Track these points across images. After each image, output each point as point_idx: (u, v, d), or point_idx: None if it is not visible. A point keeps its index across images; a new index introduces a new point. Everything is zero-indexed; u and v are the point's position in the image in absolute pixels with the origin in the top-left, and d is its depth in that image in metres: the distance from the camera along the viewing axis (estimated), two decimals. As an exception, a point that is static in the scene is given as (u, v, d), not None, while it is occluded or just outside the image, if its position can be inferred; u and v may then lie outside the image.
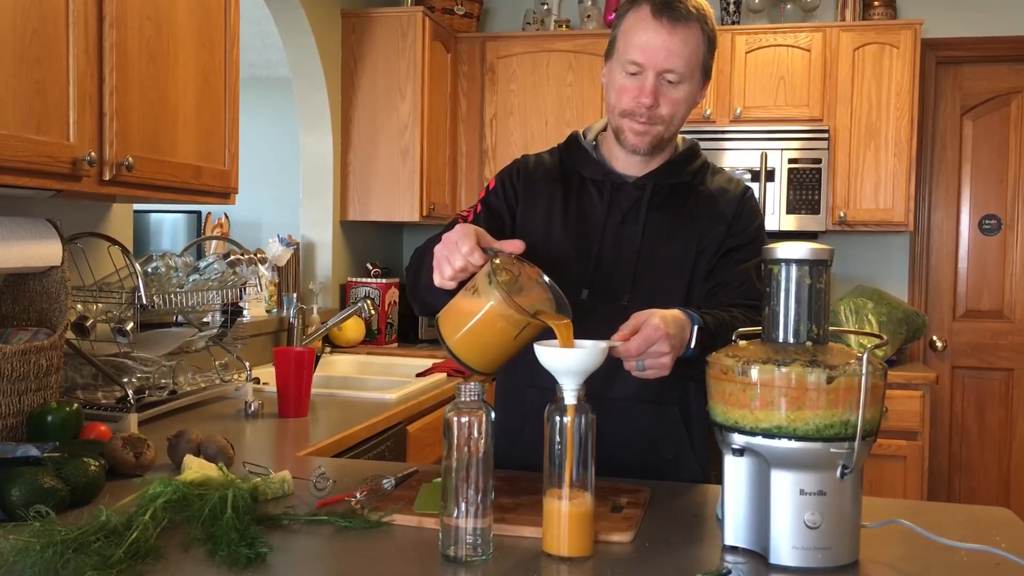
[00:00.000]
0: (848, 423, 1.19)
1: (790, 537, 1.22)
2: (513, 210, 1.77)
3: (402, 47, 3.92)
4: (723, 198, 1.73)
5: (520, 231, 1.74)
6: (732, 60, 4.01)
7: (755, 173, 3.90)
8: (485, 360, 1.42)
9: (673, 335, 1.40)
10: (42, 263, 1.92)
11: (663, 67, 1.59)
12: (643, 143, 1.65)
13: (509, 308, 1.34)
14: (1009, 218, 4.22)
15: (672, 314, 1.44)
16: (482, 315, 1.36)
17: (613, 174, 1.73)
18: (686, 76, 1.61)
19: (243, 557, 1.19)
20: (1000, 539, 1.35)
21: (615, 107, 1.66)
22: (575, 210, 1.73)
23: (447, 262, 1.41)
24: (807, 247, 1.26)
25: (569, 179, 1.76)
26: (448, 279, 1.42)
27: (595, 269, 1.68)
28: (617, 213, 1.71)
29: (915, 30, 3.87)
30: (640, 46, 1.60)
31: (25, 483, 1.39)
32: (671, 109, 1.63)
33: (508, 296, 1.34)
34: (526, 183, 1.77)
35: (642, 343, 1.38)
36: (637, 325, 1.39)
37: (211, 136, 2.32)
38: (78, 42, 1.84)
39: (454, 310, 1.42)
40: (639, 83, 1.61)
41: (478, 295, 1.37)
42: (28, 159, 1.72)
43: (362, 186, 4.01)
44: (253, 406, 2.39)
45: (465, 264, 1.39)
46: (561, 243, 1.71)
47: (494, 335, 1.37)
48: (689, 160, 1.75)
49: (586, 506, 1.24)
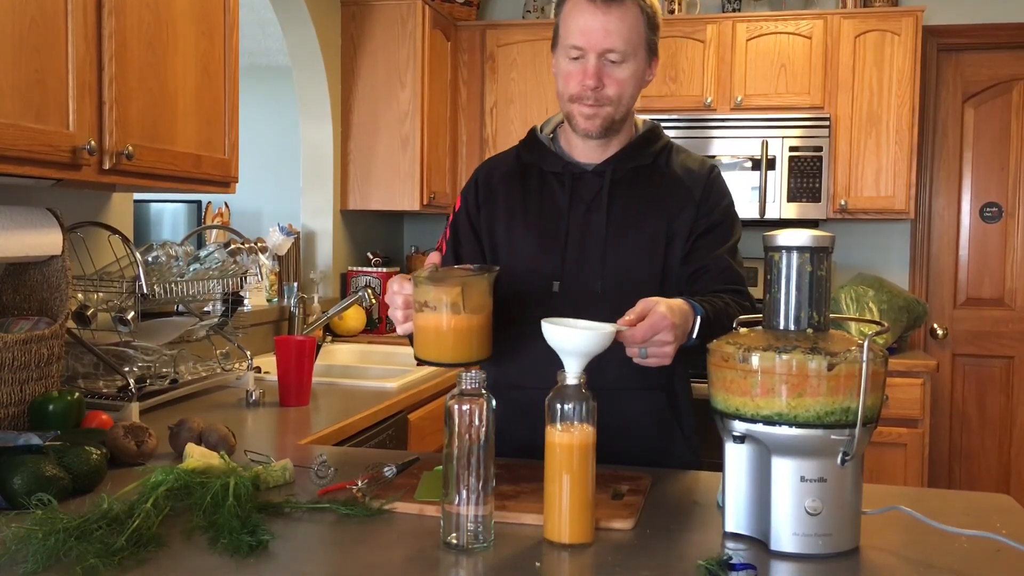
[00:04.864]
0: (849, 410, 1.19)
1: (791, 524, 1.23)
2: (477, 224, 1.79)
3: (402, 35, 3.91)
4: (689, 178, 1.73)
5: (488, 238, 1.77)
6: (733, 48, 4.00)
7: (756, 161, 3.89)
8: (462, 349, 1.46)
9: (678, 325, 1.41)
10: (43, 252, 1.92)
11: (602, 47, 1.61)
12: (594, 126, 1.66)
13: (438, 288, 1.43)
14: (1010, 206, 4.21)
15: (677, 303, 1.44)
16: (430, 312, 1.45)
17: (572, 164, 1.74)
18: (628, 54, 1.63)
19: (245, 545, 1.20)
20: (1000, 525, 1.35)
21: (563, 93, 1.68)
22: (537, 205, 1.74)
23: (395, 309, 1.53)
24: (808, 234, 1.26)
25: (528, 176, 1.77)
26: (403, 321, 1.53)
27: (563, 261, 1.70)
28: (580, 203, 1.72)
29: (916, 17, 3.86)
30: (579, 29, 1.62)
31: (27, 471, 1.39)
32: (618, 89, 1.64)
33: (431, 281, 1.44)
34: (485, 191, 1.79)
35: (648, 330, 1.38)
36: (644, 312, 1.39)
37: (211, 125, 2.32)
38: (77, 30, 1.84)
39: (415, 332, 1.50)
40: (582, 66, 1.63)
41: (418, 304, 1.46)
42: (28, 148, 1.72)
43: (362, 175, 4.00)
44: (254, 395, 2.39)
45: (403, 298, 1.51)
46: (527, 240, 1.72)
47: (448, 321, 1.44)
48: (649, 142, 1.76)
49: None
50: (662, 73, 4.05)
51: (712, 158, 3.93)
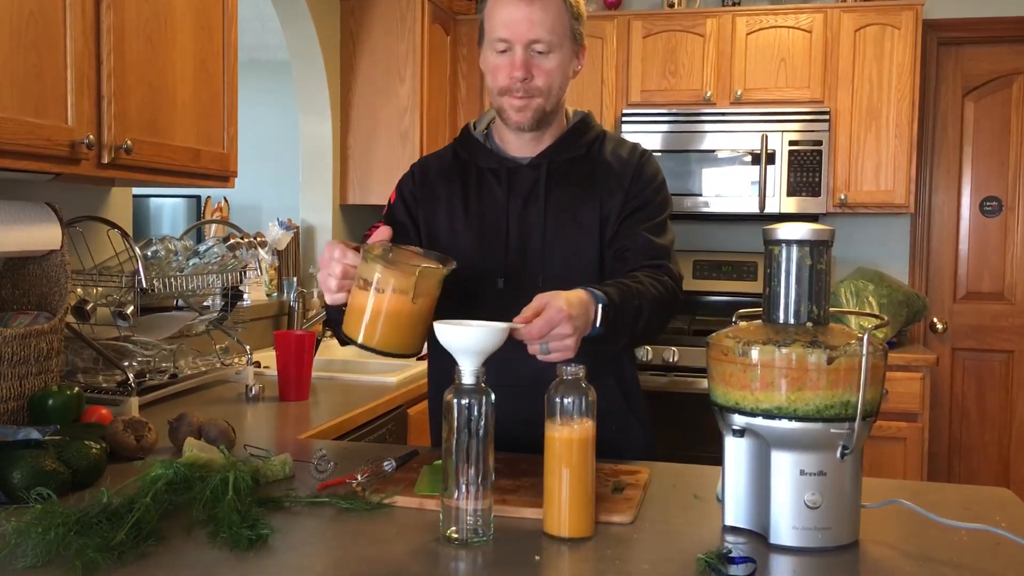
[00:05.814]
0: (848, 404, 1.19)
1: (790, 517, 1.23)
2: (416, 218, 1.78)
3: (401, 30, 3.90)
4: (620, 164, 1.74)
5: (427, 236, 1.75)
6: (733, 42, 3.99)
7: (756, 155, 3.89)
8: (396, 338, 1.39)
9: (576, 316, 1.38)
10: (42, 247, 1.91)
11: (528, 38, 1.62)
12: (525, 118, 1.66)
13: (390, 271, 1.35)
14: (1010, 200, 4.21)
15: (576, 295, 1.42)
16: (373, 294, 1.37)
17: (508, 159, 1.75)
18: (554, 45, 1.63)
19: (245, 539, 1.20)
20: (1000, 519, 1.36)
21: (493, 88, 1.68)
22: (476, 202, 1.74)
23: (329, 276, 1.45)
24: (808, 227, 1.26)
25: (466, 173, 1.77)
26: (336, 291, 1.45)
27: (506, 257, 1.70)
28: (518, 197, 1.72)
29: (916, 11, 3.85)
30: (503, 22, 1.63)
31: (27, 466, 1.39)
32: (546, 80, 1.65)
33: (385, 262, 1.36)
34: (423, 186, 1.79)
35: (544, 325, 1.35)
36: (539, 307, 1.37)
37: (210, 119, 2.32)
38: (75, 25, 1.83)
39: (349, 308, 1.41)
40: (509, 59, 1.64)
41: (362, 280, 1.38)
42: (26, 142, 1.71)
43: (362, 169, 4.00)
44: (254, 389, 2.39)
45: (343, 268, 1.43)
46: (468, 237, 1.72)
47: (392, 307, 1.37)
48: (581, 133, 1.76)
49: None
50: (662, 67, 4.05)
51: (712, 152, 3.93)
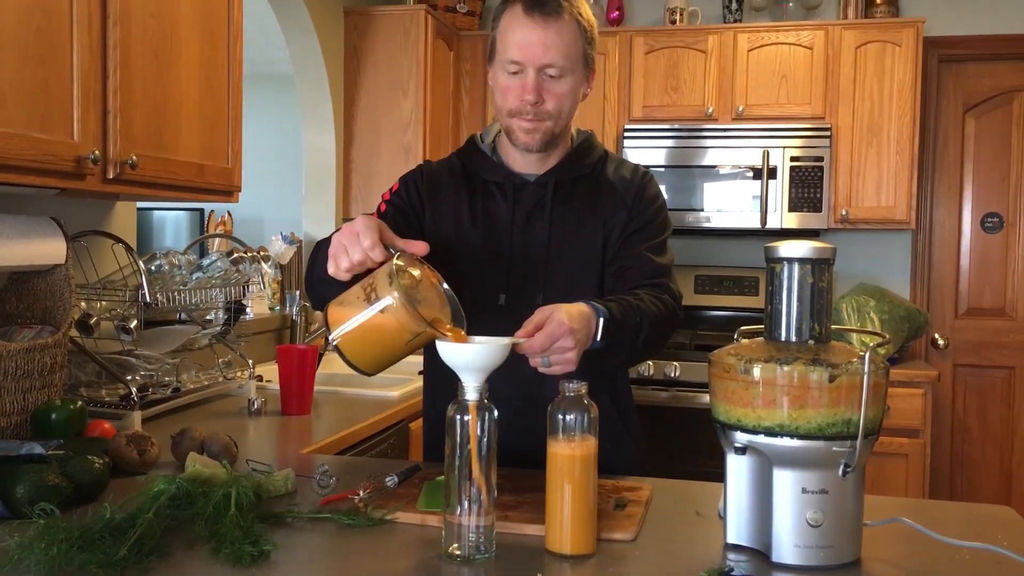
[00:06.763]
0: (850, 422, 1.20)
1: (792, 535, 1.23)
2: (419, 213, 1.77)
3: (404, 45, 3.92)
4: (623, 184, 1.75)
5: (430, 236, 1.73)
6: (734, 58, 4.01)
7: (757, 171, 3.90)
8: (369, 360, 1.39)
9: (578, 330, 1.39)
10: (46, 261, 1.92)
11: (541, 62, 1.61)
12: (534, 140, 1.67)
13: (407, 314, 1.30)
14: (1011, 216, 4.21)
15: (577, 308, 1.43)
16: (376, 315, 1.33)
17: (513, 175, 1.75)
18: (567, 69, 1.64)
19: (247, 555, 1.20)
20: (1002, 537, 1.35)
21: (502, 108, 1.68)
22: (482, 214, 1.74)
23: (345, 253, 1.38)
24: (809, 246, 1.26)
25: (473, 183, 1.77)
26: (344, 270, 1.39)
27: (508, 271, 1.70)
28: (522, 213, 1.73)
29: (917, 28, 3.87)
30: (517, 44, 1.62)
31: (29, 481, 1.39)
32: (556, 103, 1.65)
33: (408, 301, 1.30)
34: (431, 187, 1.78)
35: (546, 339, 1.36)
36: (541, 321, 1.37)
37: (214, 134, 2.33)
38: (82, 40, 1.85)
39: (348, 304, 1.37)
40: (521, 81, 1.63)
41: (375, 293, 1.33)
42: (32, 157, 1.72)
43: (365, 183, 4.01)
44: (256, 404, 2.39)
45: (364, 258, 1.37)
46: (472, 248, 1.72)
47: (385, 336, 1.34)
48: (586, 152, 1.77)
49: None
50: (664, 83, 4.06)
51: (713, 168, 3.94)
